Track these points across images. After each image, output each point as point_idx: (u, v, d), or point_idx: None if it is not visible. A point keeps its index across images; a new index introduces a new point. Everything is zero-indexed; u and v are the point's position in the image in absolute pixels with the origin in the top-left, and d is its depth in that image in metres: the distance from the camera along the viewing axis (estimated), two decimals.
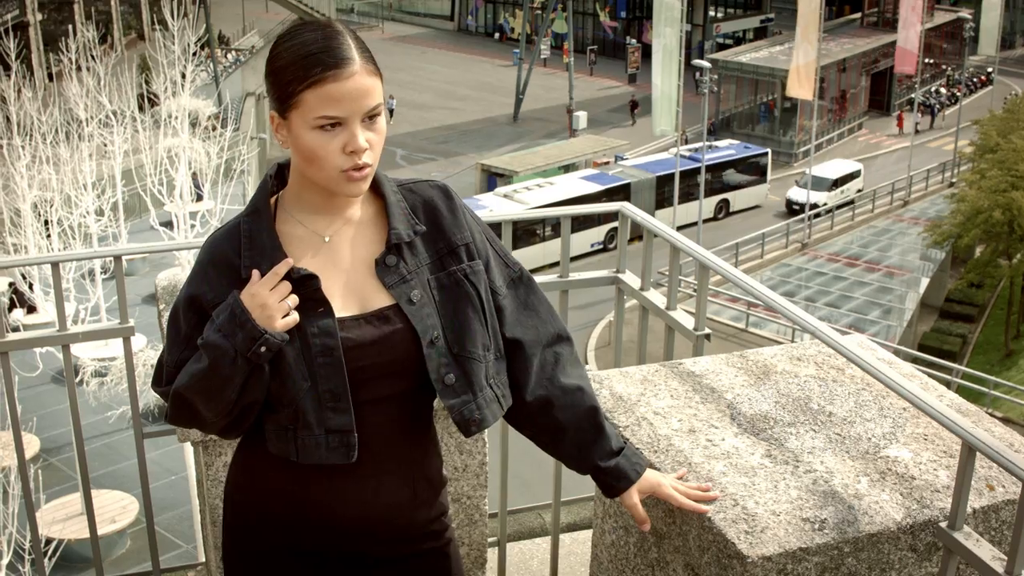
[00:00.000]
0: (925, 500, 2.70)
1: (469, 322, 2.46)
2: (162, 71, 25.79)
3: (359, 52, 2.32)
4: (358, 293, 2.42)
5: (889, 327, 32.74)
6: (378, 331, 2.39)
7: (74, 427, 3.87)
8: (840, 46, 53.34)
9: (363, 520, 2.49)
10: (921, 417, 3.04)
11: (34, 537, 4.03)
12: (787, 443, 2.93)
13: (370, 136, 2.33)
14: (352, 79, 2.28)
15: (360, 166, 2.31)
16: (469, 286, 2.47)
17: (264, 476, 2.50)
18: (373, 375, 2.39)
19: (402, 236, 2.43)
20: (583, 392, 2.62)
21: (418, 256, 2.45)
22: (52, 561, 14.12)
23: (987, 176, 33.47)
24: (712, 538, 2.63)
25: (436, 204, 2.51)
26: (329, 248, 2.43)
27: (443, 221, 2.50)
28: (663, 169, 39.70)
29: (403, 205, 2.48)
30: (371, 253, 2.44)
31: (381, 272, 2.42)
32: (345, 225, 2.45)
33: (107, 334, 3.74)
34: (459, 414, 2.45)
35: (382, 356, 2.39)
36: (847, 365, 3.32)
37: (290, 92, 2.29)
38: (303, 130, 2.30)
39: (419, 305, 2.41)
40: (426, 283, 2.44)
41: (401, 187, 2.52)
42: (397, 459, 2.49)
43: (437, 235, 2.49)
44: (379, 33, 72.20)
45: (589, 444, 2.64)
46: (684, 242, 3.64)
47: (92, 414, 18.28)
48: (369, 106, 2.32)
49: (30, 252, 19.35)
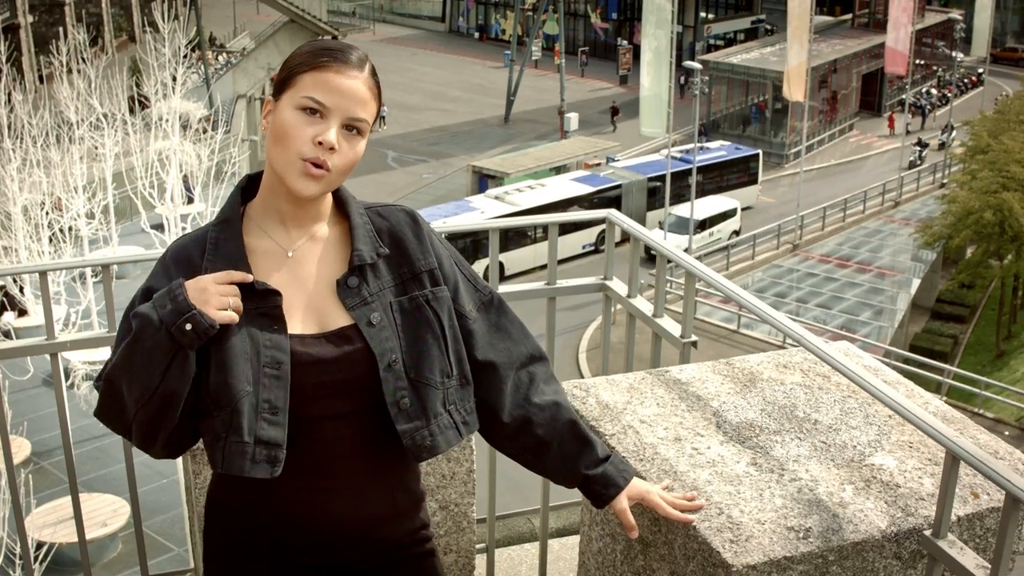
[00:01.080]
0: (910, 508, 2.71)
1: (428, 348, 2.46)
2: (153, 73, 25.76)
3: (369, 73, 2.41)
4: (319, 311, 2.43)
5: (880, 328, 32.79)
6: (338, 350, 2.39)
7: (63, 436, 3.86)
8: (831, 47, 53.41)
9: (343, 534, 2.50)
10: (906, 424, 3.05)
11: (23, 543, 4.03)
12: (772, 451, 2.94)
13: (344, 144, 2.35)
14: (351, 79, 2.35)
15: (320, 163, 2.32)
16: (430, 312, 2.48)
17: (242, 492, 2.48)
18: (332, 391, 2.40)
19: (364, 258, 2.44)
20: (559, 407, 2.64)
21: (381, 279, 2.46)
22: (43, 565, 14.11)
23: (978, 177, 33.54)
24: (697, 547, 2.64)
25: (402, 229, 2.53)
26: (293, 263, 2.44)
27: (408, 245, 2.51)
28: (654, 171, 39.71)
29: (369, 228, 2.49)
30: (334, 272, 2.45)
31: (343, 293, 2.43)
32: (310, 241, 2.47)
33: (96, 343, 3.74)
34: (410, 439, 2.44)
35: (341, 374, 2.39)
36: (833, 372, 3.33)
37: (292, 73, 2.36)
38: (287, 108, 2.34)
39: (379, 328, 2.41)
40: (388, 306, 2.45)
41: (369, 210, 2.54)
42: (373, 472, 2.50)
43: (401, 259, 2.50)
44: (370, 35, 72.18)
45: (574, 455, 2.65)
46: (671, 251, 3.65)
47: (83, 417, 18.18)
48: (355, 112, 2.35)
49: (21, 255, 19.32)
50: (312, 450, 2.43)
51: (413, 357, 2.44)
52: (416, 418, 2.44)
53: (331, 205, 2.51)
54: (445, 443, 2.48)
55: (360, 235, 2.46)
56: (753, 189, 43.14)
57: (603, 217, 4.06)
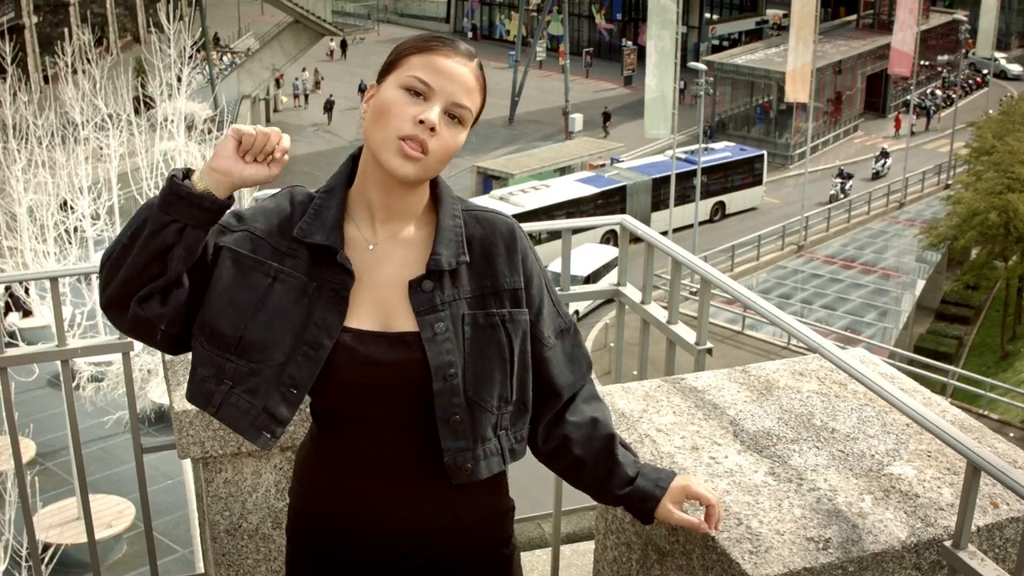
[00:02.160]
0: (929, 518, 2.70)
1: (491, 370, 2.38)
2: (158, 74, 25.75)
3: (477, 65, 2.37)
4: (386, 310, 2.36)
5: (885, 329, 32.75)
6: (394, 354, 2.33)
7: (73, 440, 3.85)
8: (836, 48, 53.35)
9: (399, 539, 2.46)
10: (924, 433, 3.03)
11: (31, 544, 4.02)
12: (790, 460, 2.92)
13: (444, 129, 2.29)
14: (459, 64, 2.31)
15: (419, 141, 2.25)
16: (503, 333, 2.39)
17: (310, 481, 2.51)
18: (384, 395, 2.35)
19: (442, 263, 2.35)
20: (598, 423, 2.54)
21: (459, 288, 2.37)
22: (49, 567, 14.10)
23: (983, 178, 33.49)
24: (716, 557, 2.63)
25: (495, 240, 2.42)
26: (372, 257, 2.38)
27: (497, 258, 2.41)
28: (659, 171, 39.67)
29: (458, 231, 2.39)
30: (412, 274, 2.37)
31: (414, 295, 2.35)
32: (393, 238, 2.40)
33: (106, 349, 3.73)
34: (452, 459, 2.37)
35: (394, 379, 2.33)
36: (849, 380, 3.31)
37: (399, 56, 2.33)
38: (391, 87, 2.30)
39: (441, 339, 2.33)
40: (459, 318, 2.36)
41: (467, 212, 2.44)
42: (429, 481, 2.42)
43: (486, 271, 2.40)
44: (374, 35, 72.10)
45: (606, 476, 2.57)
46: (687, 257, 3.63)
47: (88, 418, 18.24)
48: (460, 98, 2.30)
49: (26, 256, 19.30)
50: (366, 451, 2.41)
51: (474, 376, 2.36)
52: (463, 438, 2.37)
53: (424, 205, 2.43)
54: (487, 470, 2.42)
55: (444, 238, 2.37)
56: (758, 190, 43.10)
57: (617, 223, 4.04)
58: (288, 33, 47.07)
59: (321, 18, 46.85)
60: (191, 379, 2.35)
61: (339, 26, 52.99)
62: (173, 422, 3.27)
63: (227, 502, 3.38)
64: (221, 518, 3.39)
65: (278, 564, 3.46)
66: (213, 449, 3.28)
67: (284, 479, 3.38)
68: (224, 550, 3.42)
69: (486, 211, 2.46)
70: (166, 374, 3.50)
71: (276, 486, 3.38)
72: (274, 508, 3.41)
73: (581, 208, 36.14)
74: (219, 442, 3.26)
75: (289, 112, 56.72)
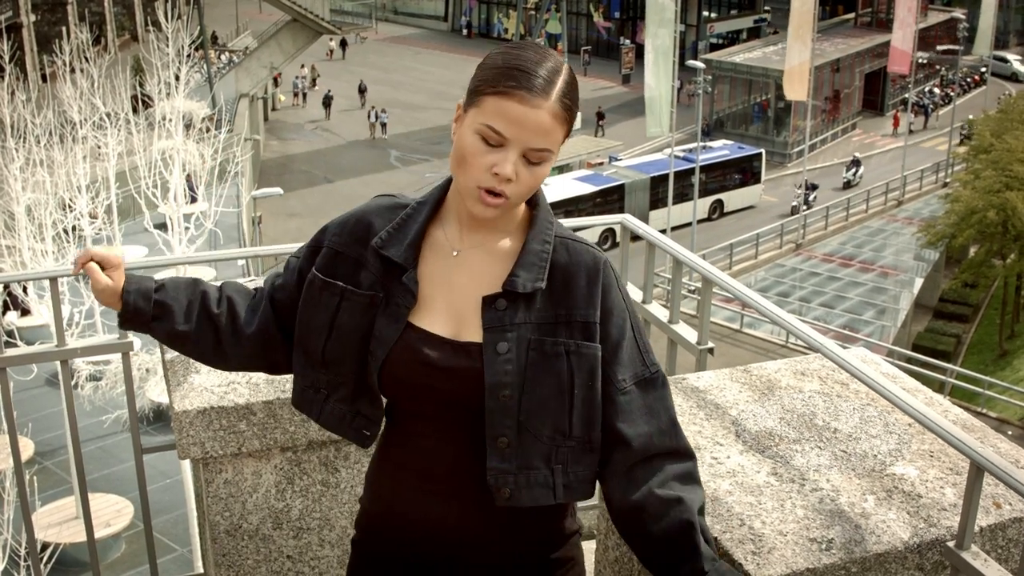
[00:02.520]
0: (932, 519, 2.69)
1: (548, 399, 2.32)
2: (156, 73, 25.71)
3: (560, 95, 2.27)
4: (459, 318, 2.36)
5: (883, 327, 32.76)
6: (454, 361, 2.32)
7: (72, 440, 3.84)
8: (834, 46, 53.34)
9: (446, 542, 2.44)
10: (927, 433, 3.02)
11: (31, 543, 4.01)
12: (793, 461, 2.92)
13: (523, 172, 2.26)
14: (535, 110, 2.24)
15: (497, 192, 2.25)
16: (566, 364, 2.32)
17: (370, 482, 2.58)
18: (439, 399, 2.35)
19: (516, 285, 2.32)
20: (681, 504, 2.34)
21: (532, 312, 2.33)
22: (48, 566, 14.08)
23: (981, 176, 33.49)
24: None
25: (578, 270, 2.37)
26: (455, 263, 2.39)
27: (575, 289, 2.36)
28: (657, 170, 39.67)
29: (544, 256, 2.36)
30: (491, 287, 2.35)
31: (486, 312, 2.33)
32: (479, 248, 2.39)
33: (106, 349, 3.72)
34: (493, 478, 2.34)
35: (449, 385, 2.33)
36: (851, 380, 3.30)
37: (479, 90, 2.29)
38: (469, 130, 2.28)
39: (503, 359, 2.30)
40: (526, 341, 2.32)
41: (560, 238, 2.40)
42: (478, 492, 2.37)
43: (563, 300, 2.35)
44: (373, 34, 72.11)
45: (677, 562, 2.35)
46: (688, 256, 3.62)
47: (86, 417, 18.20)
48: (536, 144, 2.25)
49: (24, 255, 19.27)
50: (418, 449, 2.42)
51: (530, 402, 2.31)
52: (508, 461, 2.33)
53: (518, 221, 2.42)
54: (529, 499, 2.35)
55: (527, 260, 2.35)
56: (756, 188, 43.11)
57: (618, 222, 4.03)
58: (286, 32, 47.01)
59: (319, 17, 46.80)
60: (295, 387, 2.54)
61: (337, 24, 52.91)
62: (173, 423, 3.26)
63: (227, 503, 3.37)
64: (221, 519, 3.38)
65: (278, 565, 3.46)
66: (213, 450, 3.27)
67: (284, 479, 3.37)
68: (224, 551, 3.41)
69: (578, 241, 2.42)
70: (166, 374, 3.49)
71: (276, 487, 3.38)
72: (274, 509, 3.40)
73: (579, 206, 36.15)
74: (219, 443, 3.25)
75: (287, 111, 56.70)
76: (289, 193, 38.09)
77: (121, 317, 2.55)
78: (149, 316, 2.52)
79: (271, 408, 3.24)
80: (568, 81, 2.30)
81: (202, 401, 3.24)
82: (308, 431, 3.30)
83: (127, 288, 2.53)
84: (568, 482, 2.38)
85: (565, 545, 2.52)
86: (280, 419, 3.26)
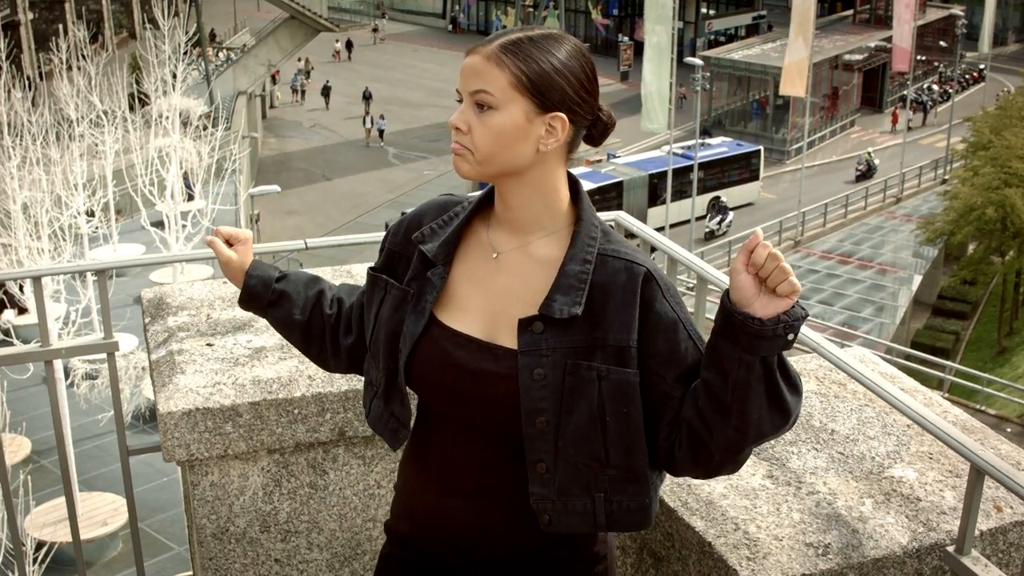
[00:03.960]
0: (931, 523, 2.64)
1: (582, 425, 2.23)
2: (153, 70, 25.67)
3: (501, 44, 2.22)
4: (494, 322, 2.29)
5: (882, 324, 32.74)
6: (484, 364, 2.26)
7: (57, 440, 3.79)
8: (832, 43, 53.32)
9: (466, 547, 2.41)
10: (926, 434, 2.97)
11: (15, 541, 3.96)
12: (789, 463, 2.86)
13: (474, 122, 2.22)
14: (470, 58, 2.25)
15: (457, 142, 2.25)
16: (596, 390, 2.22)
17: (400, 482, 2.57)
18: (469, 403, 2.29)
19: (554, 311, 2.22)
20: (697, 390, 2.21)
21: (570, 335, 2.23)
22: (43, 564, 14.05)
23: (980, 173, 33.48)
24: (713, 563, 2.57)
25: (613, 290, 2.24)
26: (495, 266, 2.33)
27: (610, 310, 2.24)
28: (656, 167, 39.63)
29: (583, 277, 2.24)
30: (528, 298, 2.27)
31: (522, 335, 2.23)
32: (521, 250, 2.31)
33: (91, 349, 3.66)
34: (536, 504, 2.28)
35: (478, 388, 2.27)
36: (849, 380, 3.25)
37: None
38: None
39: (539, 385, 2.22)
40: (562, 366, 2.22)
41: (604, 254, 2.27)
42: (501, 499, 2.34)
43: (598, 322, 2.23)
44: (370, 32, 72.06)
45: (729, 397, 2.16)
46: (682, 254, 3.56)
47: (83, 416, 18.18)
48: (472, 86, 2.22)
49: (20, 253, 19.23)
50: (442, 449, 2.39)
51: (567, 428, 2.23)
52: (546, 487, 2.26)
53: (562, 223, 2.32)
54: (567, 527, 2.29)
55: (564, 284, 2.24)
56: (755, 185, 43.06)
57: (612, 219, 3.98)
58: (284, 29, 46.93)
59: (317, 14, 46.74)
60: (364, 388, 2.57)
61: (335, 22, 52.85)
62: (159, 424, 3.20)
63: (214, 505, 3.31)
64: (208, 522, 3.33)
65: (266, 568, 3.40)
66: (199, 452, 3.21)
67: (271, 482, 3.32)
68: (211, 554, 3.36)
69: (618, 254, 2.28)
70: (152, 375, 3.43)
71: (263, 489, 3.32)
72: (261, 511, 3.34)
73: None
74: (205, 444, 3.19)
75: (286, 108, 56.67)
76: (287, 191, 38.07)
77: (240, 297, 2.63)
78: (266, 302, 2.60)
79: (257, 409, 3.18)
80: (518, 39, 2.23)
81: (187, 402, 3.18)
82: (295, 433, 3.25)
83: (250, 272, 2.62)
84: (611, 511, 2.29)
85: (592, 538, 2.45)
86: (267, 420, 3.20)
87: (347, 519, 3.39)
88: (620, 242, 2.31)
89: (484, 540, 2.39)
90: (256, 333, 3.53)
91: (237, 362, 3.36)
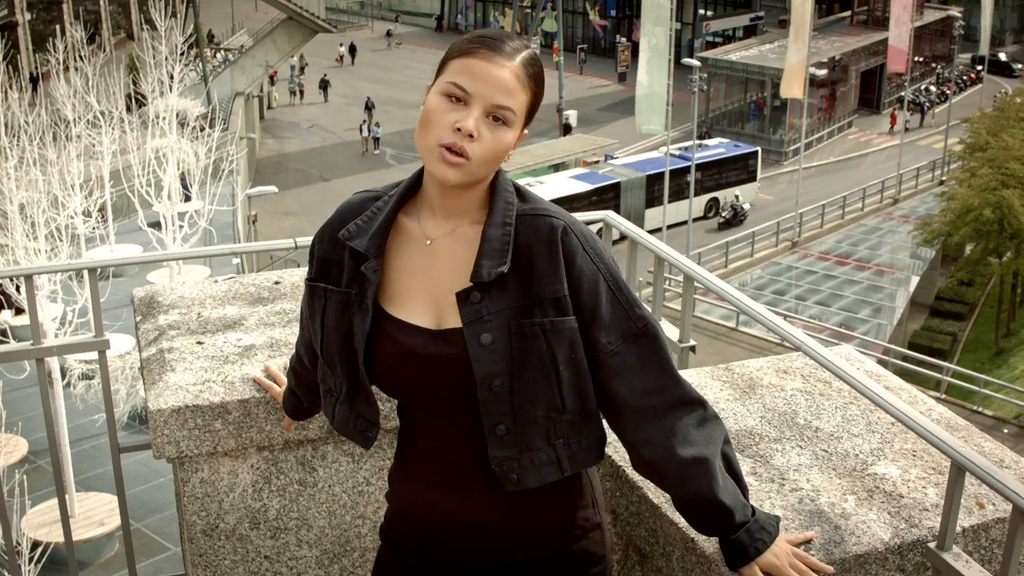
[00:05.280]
0: (913, 519, 2.65)
1: (535, 380, 2.30)
2: (150, 71, 25.68)
3: (522, 63, 2.29)
4: (439, 307, 2.35)
5: (879, 325, 32.76)
6: (437, 349, 2.33)
7: (49, 440, 3.80)
8: (830, 44, 53.34)
9: (458, 534, 2.45)
10: (910, 432, 2.98)
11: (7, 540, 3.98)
12: (773, 460, 2.88)
13: (485, 132, 2.25)
14: (498, 67, 2.25)
15: (457, 149, 2.24)
16: (544, 343, 2.29)
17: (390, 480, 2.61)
18: (435, 390, 2.36)
19: (482, 276, 2.29)
20: (702, 466, 2.38)
21: (507, 296, 2.30)
22: (39, 564, 14.04)
23: (977, 174, 33.50)
24: (696, 559, 2.58)
25: (536, 244, 2.32)
26: (429, 252, 2.38)
27: (538, 265, 2.31)
28: (653, 168, 39.64)
29: (506, 240, 2.32)
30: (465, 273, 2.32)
31: (462, 305, 2.31)
32: (451, 235, 2.37)
33: (82, 348, 3.67)
34: (499, 467, 2.34)
35: (443, 375, 2.33)
36: (834, 378, 3.26)
37: (445, 59, 2.32)
38: (434, 93, 2.29)
39: (488, 349, 2.28)
40: (507, 327, 2.29)
41: (523, 215, 2.35)
42: (485, 481, 2.38)
43: (531, 279, 2.31)
44: (368, 32, 72.08)
45: (703, 520, 2.45)
46: (670, 253, 3.58)
47: (79, 416, 18.17)
48: (498, 100, 2.25)
49: (17, 253, 19.22)
50: (423, 443, 2.44)
51: (521, 385, 2.30)
52: (508, 448, 2.33)
53: (482, 201, 2.38)
54: (536, 479, 2.36)
55: (488, 248, 2.30)
56: (752, 186, 43.07)
57: (600, 219, 4.00)
58: (281, 30, 46.93)
59: (314, 15, 46.73)
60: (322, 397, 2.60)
61: (332, 23, 52.84)
62: (148, 422, 3.22)
63: (203, 502, 3.32)
64: (197, 518, 3.34)
65: (255, 565, 3.41)
66: (188, 449, 3.22)
67: (261, 479, 3.33)
68: (201, 551, 3.37)
69: (535, 211, 2.36)
70: (142, 373, 3.45)
71: (253, 486, 3.33)
72: (251, 508, 3.35)
73: (575, 205, 36.10)
74: (194, 442, 3.21)
75: (284, 109, 56.66)
76: (285, 192, 38.08)
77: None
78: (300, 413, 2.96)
79: (246, 407, 3.20)
80: (533, 57, 2.32)
81: (177, 400, 3.19)
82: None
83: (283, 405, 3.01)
84: (572, 453, 2.38)
85: (587, 538, 2.50)
86: (256, 418, 3.21)
87: (336, 516, 3.40)
88: (536, 200, 2.39)
89: (479, 532, 2.43)
90: (246, 331, 3.54)
91: (227, 360, 3.37)
